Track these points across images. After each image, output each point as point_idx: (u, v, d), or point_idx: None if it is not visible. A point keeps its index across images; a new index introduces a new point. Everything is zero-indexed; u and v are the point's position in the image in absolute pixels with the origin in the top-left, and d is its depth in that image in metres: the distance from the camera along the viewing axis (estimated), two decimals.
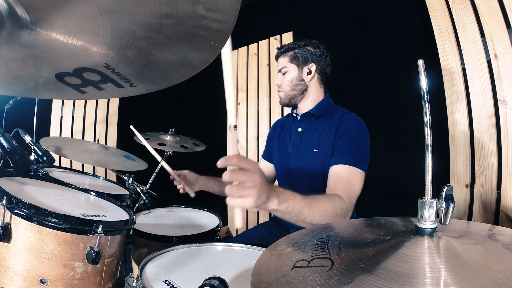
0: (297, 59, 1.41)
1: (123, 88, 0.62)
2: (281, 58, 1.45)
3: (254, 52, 2.78)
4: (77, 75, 0.58)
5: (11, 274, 0.83)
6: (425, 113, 0.54)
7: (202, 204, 1.75)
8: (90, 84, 0.61)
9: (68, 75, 0.58)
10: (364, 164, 1.22)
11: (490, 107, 1.56)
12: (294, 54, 1.42)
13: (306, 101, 1.44)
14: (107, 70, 0.56)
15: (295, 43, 1.43)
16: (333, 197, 1.04)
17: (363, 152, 1.24)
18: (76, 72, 0.57)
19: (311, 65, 1.41)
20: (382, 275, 0.46)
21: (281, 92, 1.45)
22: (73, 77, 0.59)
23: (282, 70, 1.43)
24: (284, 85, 1.43)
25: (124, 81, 0.59)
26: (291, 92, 1.42)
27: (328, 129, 1.35)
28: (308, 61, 1.41)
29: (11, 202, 0.84)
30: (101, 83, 0.60)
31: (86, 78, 0.59)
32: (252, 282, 0.51)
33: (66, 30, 0.49)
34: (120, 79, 0.59)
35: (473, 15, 1.60)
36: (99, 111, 2.87)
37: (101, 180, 1.69)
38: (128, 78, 0.58)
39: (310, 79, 1.42)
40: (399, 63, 2.05)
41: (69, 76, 0.59)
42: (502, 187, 1.51)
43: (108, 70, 0.56)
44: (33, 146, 1.12)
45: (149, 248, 1.30)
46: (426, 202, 0.54)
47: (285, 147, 1.48)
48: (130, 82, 0.60)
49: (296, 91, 1.42)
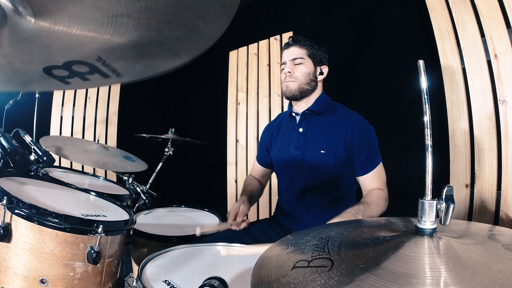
0: (314, 56, 1.41)
1: (109, 78, 0.62)
2: (297, 48, 1.41)
3: (254, 52, 2.78)
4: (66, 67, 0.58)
5: (12, 274, 0.83)
6: (425, 113, 0.54)
7: (202, 204, 1.75)
8: (76, 75, 0.61)
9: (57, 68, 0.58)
10: (379, 155, 1.38)
11: (490, 107, 1.56)
12: (313, 51, 1.41)
13: (309, 98, 1.43)
14: (97, 62, 0.56)
15: (311, 41, 1.42)
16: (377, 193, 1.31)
17: (376, 149, 1.38)
18: (65, 64, 0.57)
19: (324, 67, 1.45)
20: (382, 275, 0.46)
21: (293, 83, 1.39)
22: (62, 70, 0.59)
23: (297, 60, 1.39)
24: (299, 75, 1.38)
25: (112, 71, 0.59)
26: (306, 85, 1.39)
27: (334, 131, 1.36)
28: (322, 63, 1.44)
29: (12, 202, 0.84)
30: (88, 74, 0.60)
31: (74, 70, 0.59)
32: (252, 282, 0.51)
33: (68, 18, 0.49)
34: (109, 70, 0.59)
35: (473, 15, 1.60)
36: (99, 111, 2.87)
37: (101, 180, 1.69)
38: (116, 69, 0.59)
39: (321, 80, 1.45)
40: (399, 63, 2.05)
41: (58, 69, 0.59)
42: (502, 187, 1.51)
43: (99, 62, 0.56)
44: (33, 146, 1.12)
45: (149, 248, 1.31)
46: (426, 202, 0.54)
47: (286, 149, 1.45)
48: (117, 72, 0.60)
49: (310, 86, 1.41)
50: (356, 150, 1.33)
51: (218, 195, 2.94)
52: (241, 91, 2.83)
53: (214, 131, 3.03)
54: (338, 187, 1.40)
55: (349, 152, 1.34)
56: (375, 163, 1.35)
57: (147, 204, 1.67)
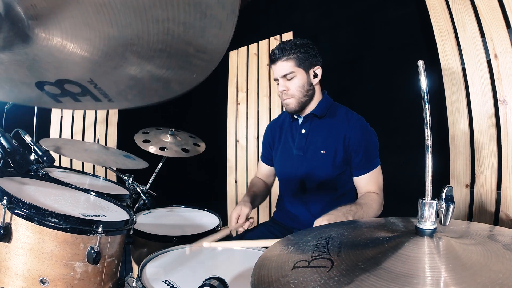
0: (303, 62, 1.33)
1: (100, 102, 0.60)
2: (284, 62, 1.32)
3: (254, 52, 2.78)
4: (58, 85, 0.57)
5: (12, 274, 0.83)
6: (425, 114, 0.54)
7: (202, 204, 1.75)
8: (68, 95, 0.60)
9: (49, 84, 0.57)
10: (377, 158, 1.36)
11: (490, 107, 1.56)
12: (299, 57, 1.32)
13: (311, 104, 1.41)
14: (89, 84, 0.55)
15: (293, 44, 1.33)
16: (371, 196, 1.29)
17: (374, 151, 1.36)
18: (58, 82, 0.57)
19: (316, 68, 1.37)
20: (382, 275, 0.46)
21: (291, 99, 1.35)
22: (53, 87, 0.58)
23: (289, 75, 1.32)
24: (295, 91, 1.33)
25: (103, 96, 0.58)
26: (303, 98, 1.35)
27: (335, 132, 1.36)
28: (312, 64, 1.36)
29: (12, 202, 0.84)
30: (80, 96, 0.59)
31: (66, 89, 0.58)
32: (252, 283, 0.51)
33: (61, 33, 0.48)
34: (100, 94, 0.58)
35: (473, 15, 1.60)
36: (99, 111, 2.87)
37: (101, 180, 1.69)
38: (108, 94, 0.58)
39: (317, 83, 1.39)
40: (399, 63, 2.05)
41: (50, 86, 0.58)
42: (502, 187, 1.51)
43: (91, 85, 0.55)
44: (33, 146, 1.12)
45: (149, 248, 1.31)
46: (426, 202, 0.54)
47: (289, 149, 1.46)
48: (109, 97, 0.59)
49: (308, 96, 1.36)
50: (353, 150, 1.33)
51: (218, 195, 2.93)
52: (241, 91, 2.83)
53: (214, 131, 3.03)
54: (338, 187, 1.40)
55: (347, 152, 1.34)
56: (372, 166, 1.34)
57: (147, 204, 1.67)
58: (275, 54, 1.34)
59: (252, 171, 2.68)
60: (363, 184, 1.35)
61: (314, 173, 1.38)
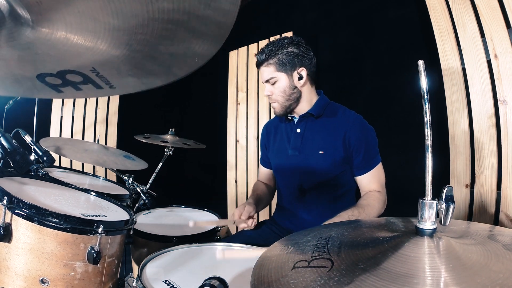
0: (283, 65, 1.30)
1: (102, 89, 0.61)
2: (264, 68, 1.33)
3: (254, 52, 2.77)
4: (59, 76, 0.58)
5: (12, 274, 0.83)
6: (425, 114, 0.54)
7: (202, 204, 1.75)
8: (69, 84, 0.60)
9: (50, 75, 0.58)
10: (378, 155, 1.36)
11: (490, 107, 1.56)
12: (279, 61, 1.30)
13: (301, 105, 1.39)
14: (91, 73, 0.56)
15: (275, 46, 1.30)
16: (374, 195, 1.29)
17: (375, 149, 1.36)
18: (59, 73, 0.57)
19: (301, 69, 1.32)
20: (382, 275, 0.46)
21: (275, 103, 1.36)
22: (55, 78, 0.59)
23: (271, 80, 1.33)
24: (277, 96, 1.34)
25: (105, 83, 0.59)
26: (286, 102, 1.35)
27: (333, 132, 1.35)
28: (296, 66, 1.31)
29: (12, 202, 0.84)
30: (81, 84, 0.60)
31: (68, 79, 0.59)
32: (252, 283, 0.51)
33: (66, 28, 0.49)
34: (102, 81, 0.58)
35: (473, 15, 1.60)
36: (99, 111, 2.87)
37: (101, 180, 1.70)
38: (109, 81, 0.59)
39: (303, 84, 1.35)
40: (399, 63, 2.05)
41: (51, 77, 0.58)
42: (502, 187, 1.51)
43: (92, 73, 0.56)
44: (33, 146, 1.12)
45: (149, 248, 1.31)
46: (426, 202, 0.54)
47: (283, 149, 1.45)
48: (110, 84, 0.60)
49: (291, 100, 1.35)
50: (354, 150, 1.33)
51: (218, 195, 2.93)
52: (241, 91, 2.83)
53: (214, 131, 3.03)
54: (338, 187, 1.40)
55: (347, 151, 1.33)
56: (373, 164, 1.34)
57: (147, 204, 1.67)
58: (257, 59, 1.36)
59: (252, 171, 2.68)
60: (365, 183, 1.35)
61: (311, 173, 1.37)
